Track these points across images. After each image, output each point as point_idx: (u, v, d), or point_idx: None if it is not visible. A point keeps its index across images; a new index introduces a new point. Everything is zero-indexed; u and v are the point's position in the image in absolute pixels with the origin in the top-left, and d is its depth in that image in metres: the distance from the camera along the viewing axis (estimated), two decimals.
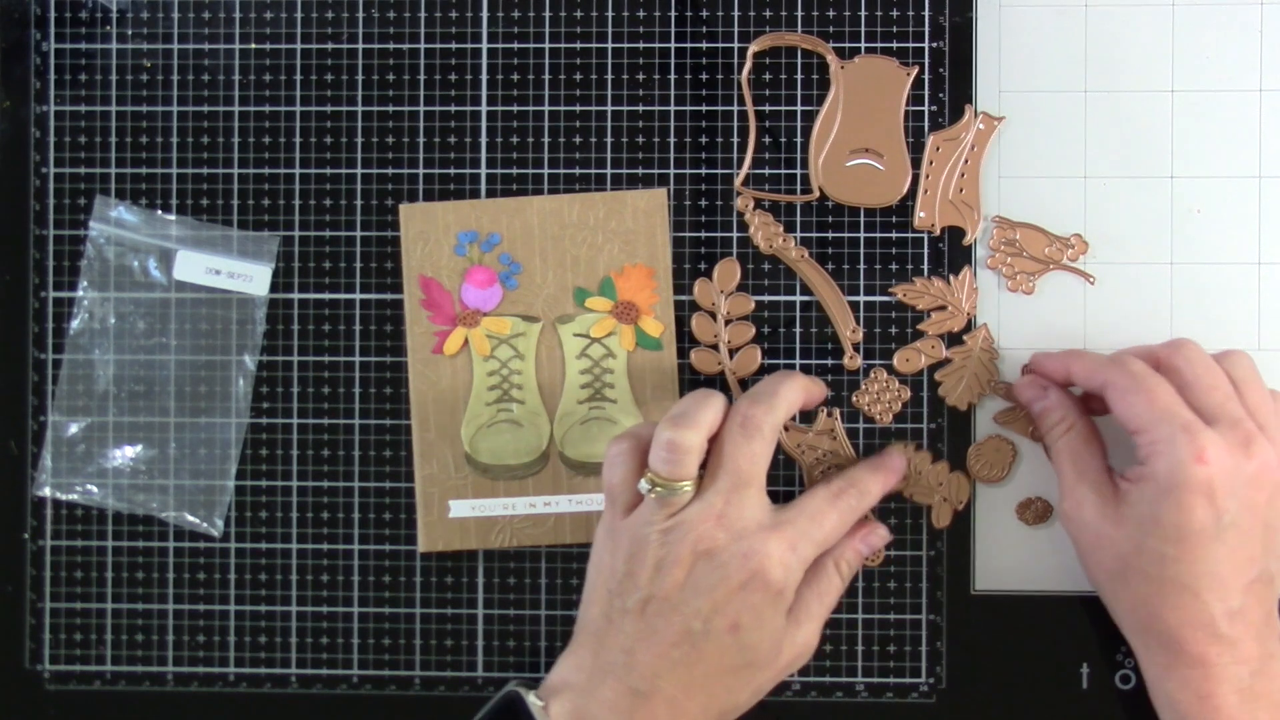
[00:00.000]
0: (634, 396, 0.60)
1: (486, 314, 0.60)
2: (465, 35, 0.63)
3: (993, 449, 0.62)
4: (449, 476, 0.60)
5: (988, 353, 0.63)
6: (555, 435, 0.60)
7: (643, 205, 0.60)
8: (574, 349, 0.60)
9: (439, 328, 0.60)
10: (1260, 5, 0.62)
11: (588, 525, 0.60)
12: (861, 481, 0.58)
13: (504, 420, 0.60)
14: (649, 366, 0.60)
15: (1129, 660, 0.62)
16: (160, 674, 0.64)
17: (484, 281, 0.60)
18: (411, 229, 0.61)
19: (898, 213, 0.63)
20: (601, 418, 0.60)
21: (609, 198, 0.60)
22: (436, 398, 0.60)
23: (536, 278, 0.60)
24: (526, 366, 0.60)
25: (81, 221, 0.64)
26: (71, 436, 0.63)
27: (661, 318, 0.60)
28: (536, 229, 0.60)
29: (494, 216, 0.60)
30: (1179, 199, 0.63)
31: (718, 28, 0.63)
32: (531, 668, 0.63)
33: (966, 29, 0.63)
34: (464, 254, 0.60)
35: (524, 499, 0.60)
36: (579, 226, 0.60)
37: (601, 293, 0.60)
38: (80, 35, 0.64)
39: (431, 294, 0.60)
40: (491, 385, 0.60)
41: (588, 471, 0.60)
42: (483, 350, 0.60)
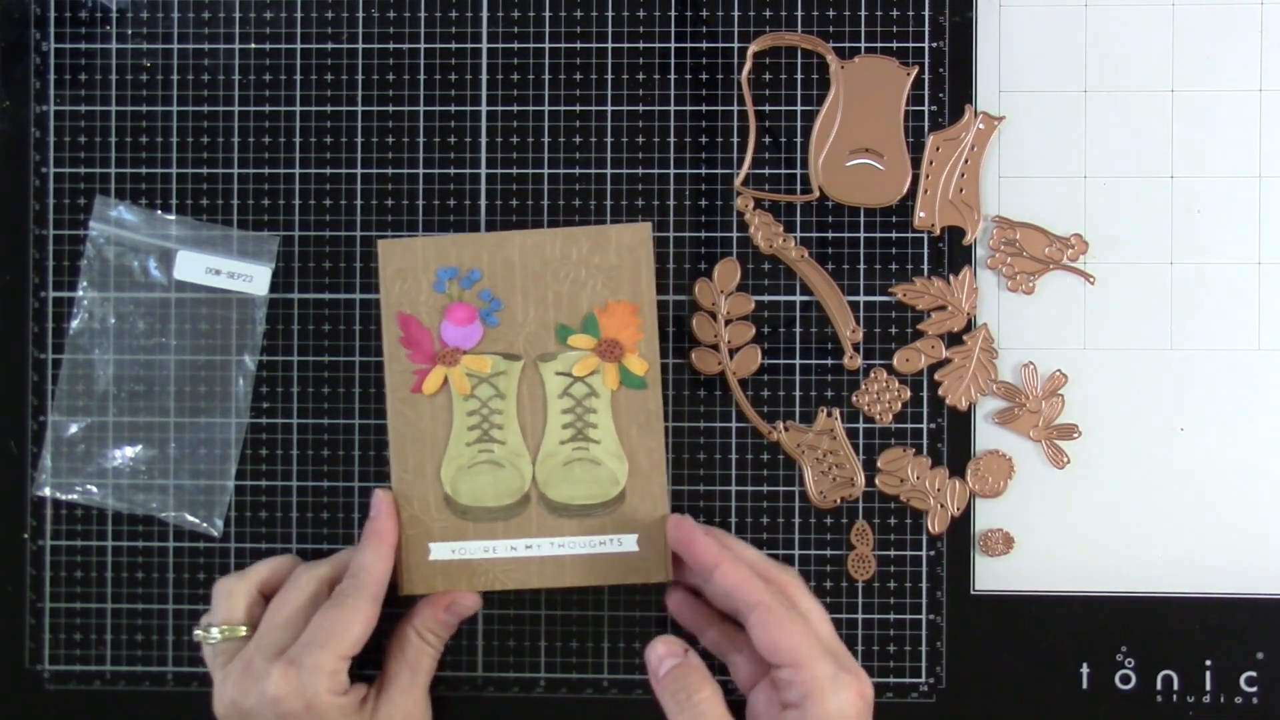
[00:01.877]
0: (618, 437, 0.59)
1: (466, 352, 0.59)
2: (465, 35, 0.63)
3: (991, 464, 0.62)
4: (430, 518, 0.59)
5: (988, 353, 0.63)
6: (537, 476, 0.59)
7: (627, 240, 0.58)
8: (556, 388, 0.59)
9: (418, 366, 0.59)
10: (1260, 5, 0.62)
11: (570, 569, 0.59)
12: (354, 564, 0.57)
13: (484, 461, 0.59)
14: (633, 406, 0.58)
15: (1129, 660, 0.62)
16: (160, 674, 0.64)
17: (464, 319, 0.59)
18: (390, 265, 0.59)
19: (898, 213, 0.63)
20: (585, 458, 0.59)
21: (593, 232, 0.59)
22: (415, 437, 0.59)
23: (518, 315, 0.59)
24: (508, 406, 0.59)
25: (81, 221, 0.64)
26: (71, 436, 0.63)
27: (646, 355, 0.59)
28: (518, 264, 0.58)
29: (474, 252, 0.59)
30: (1179, 199, 0.63)
31: (718, 28, 0.63)
32: (531, 667, 0.63)
33: (966, 29, 0.63)
34: (443, 290, 0.59)
35: (505, 541, 0.59)
36: (561, 262, 0.58)
37: (584, 330, 0.59)
38: (80, 35, 0.64)
39: (410, 331, 0.59)
40: (472, 425, 0.59)
41: (570, 514, 0.59)
42: (463, 389, 0.59)
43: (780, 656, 0.52)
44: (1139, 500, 0.63)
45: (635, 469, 0.59)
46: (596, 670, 0.63)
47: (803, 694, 0.51)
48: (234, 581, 0.58)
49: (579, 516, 0.59)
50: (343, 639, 0.54)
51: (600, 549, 0.59)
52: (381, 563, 0.56)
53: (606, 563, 0.59)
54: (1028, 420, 0.62)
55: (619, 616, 0.63)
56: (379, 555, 0.57)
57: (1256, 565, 0.62)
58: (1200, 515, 0.63)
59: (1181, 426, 0.63)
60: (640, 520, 0.59)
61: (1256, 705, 0.62)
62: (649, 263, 0.58)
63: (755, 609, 0.53)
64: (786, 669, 0.52)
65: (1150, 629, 0.62)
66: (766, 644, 0.52)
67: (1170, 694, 0.62)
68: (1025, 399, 0.62)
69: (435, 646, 0.59)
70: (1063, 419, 0.62)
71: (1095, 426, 0.63)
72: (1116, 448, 0.63)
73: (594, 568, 0.59)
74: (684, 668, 0.54)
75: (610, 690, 0.63)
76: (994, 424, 0.63)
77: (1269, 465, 0.62)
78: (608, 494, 0.59)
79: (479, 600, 0.59)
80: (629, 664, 0.63)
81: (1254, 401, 0.62)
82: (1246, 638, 0.62)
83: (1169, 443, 0.63)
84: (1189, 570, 0.63)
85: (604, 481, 0.59)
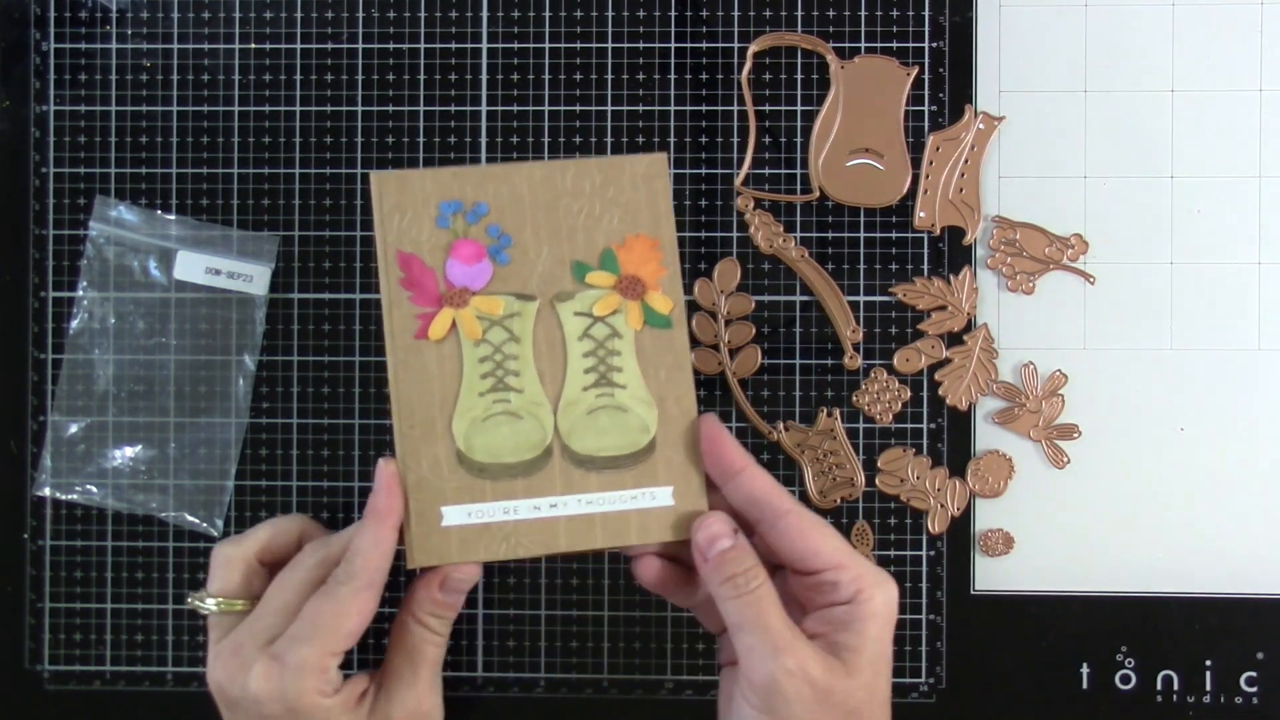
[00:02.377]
0: (645, 381, 0.53)
1: (476, 293, 0.53)
2: (465, 35, 0.63)
3: (991, 464, 0.62)
4: (441, 479, 0.53)
5: (988, 353, 0.62)
6: (559, 427, 0.53)
7: (642, 171, 0.53)
8: (575, 329, 0.53)
9: (422, 309, 0.53)
10: (1260, 5, 0.62)
11: (600, 529, 0.53)
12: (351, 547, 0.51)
13: (501, 412, 0.53)
14: (659, 346, 0.53)
15: (1129, 660, 0.62)
16: (160, 674, 0.64)
17: (471, 256, 0.53)
18: (386, 200, 0.53)
19: (898, 213, 0.63)
20: (610, 405, 0.53)
21: (605, 163, 0.54)
22: (422, 389, 0.53)
23: (530, 251, 0.53)
24: (523, 350, 0.53)
25: (81, 221, 0.64)
26: (71, 436, 0.63)
27: (669, 292, 0.53)
28: (527, 197, 0.53)
29: (479, 184, 0.53)
30: (1179, 199, 0.63)
31: (718, 28, 0.63)
32: (531, 667, 0.63)
33: (966, 29, 0.63)
34: (447, 226, 0.53)
35: (526, 501, 0.53)
36: (574, 194, 0.53)
37: (603, 266, 0.53)
38: (80, 35, 0.64)
39: (412, 272, 0.53)
40: (485, 373, 0.53)
41: (596, 466, 0.53)
42: (473, 334, 0.53)
43: (821, 560, 0.49)
44: (1139, 500, 0.63)
45: (665, 415, 0.53)
46: (596, 670, 0.63)
47: (854, 590, 0.49)
48: (230, 548, 0.53)
49: (607, 469, 0.53)
50: (331, 634, 0.49)
51: (632, 504, 0.53)
52: (380, 546, 0.50)
53: (639, 520, 0.53)
54: (1028, 420, 0.62)
55: (619, 616, 0.63)
56: (378, 538, 0.50)
57: (1256, 565, 0.62)
58: (1200, 515, 0.63)
59: (1181, 426, 0.63)
60: (673, 471, 0.53)
61: (1256, 705, 0.62)
62: (666, 194, 0.54)
63: (786, 515, 0.50)
64: (829, 571, 0.49)
65: (1150, 629, 0.62)
66: (804, 549, 0.50)
67: (1170, 694, 0.62)
68: (1025, 399, 0.62)
69: (438, 633, 0.53)
70: (1063, 419, 0.62)
71: (1095, 426, 0.63)
72: (1116, 448, 0.63)
73: (625, 526, 0.53)
74: (739, 550, 0.50)
75: (610, 690, 0.63)
76: (994, 424, 0.63)
77: (1269, 465, 0.62)
78: (637, 443, 0.53)
79: (477, 571, 0.52)
80: (629, 664, 0.63)
81: (1254, 401, 0.62)
82: (1246, 638, 0.62)
83: (1169, 443, 0.63)
84: (1189, 570, 0.63)
85: (633, 430, 0.53)
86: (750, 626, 0.48)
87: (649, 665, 0.63)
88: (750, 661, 0.48)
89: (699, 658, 0.63)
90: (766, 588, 0.49)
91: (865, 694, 0.49)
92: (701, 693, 0.63)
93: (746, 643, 0.48)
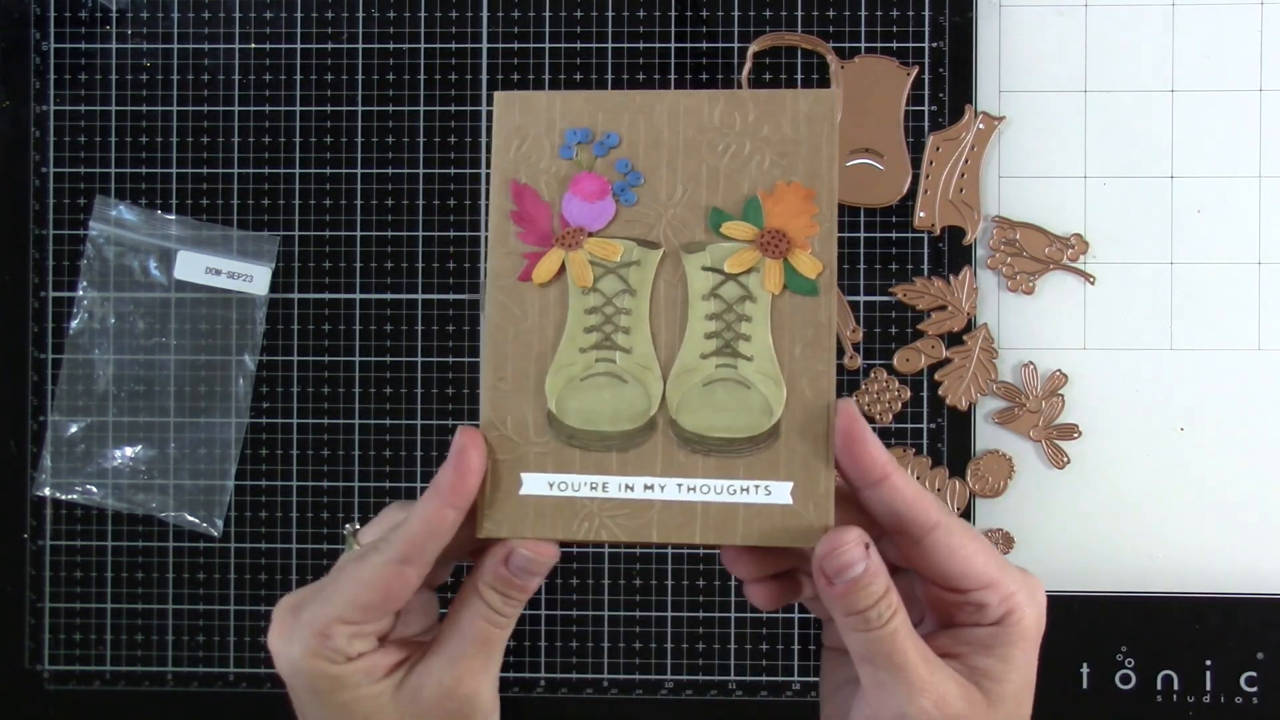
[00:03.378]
0: (776, 355, 0.46)
1: (593, 234, 0.47)
2: (465, 35, 0.63)
3: (991, 464, 0.62)
4: (526, 441, 0.46)
5: (988, 353, 0.62)
6: (668, 397, 0.46)
7: (806, 109, 0.46)
8: (701, 287, 0.46)
9: (530, 248, 0.46)
10: (1260, 5, 0.62)
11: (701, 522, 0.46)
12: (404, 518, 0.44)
13: (602, 373, 0.46)
14: (800, 316, 0.46)
15: (1129, 660, 0.62)
16: (160, 674, 0.64)
17: (594, 193, 0.47)
18: (506, 122, 0.47)
19: (898, 213, 0.63)
20: (731, 379, 0.46)
21: (765, 96, 0.47)
22: (519, 337, 0.46)
23: (662, 192, 0.47)
24: (638, 305, 0.47)
25: (81, 221, 0.64)
26: (71, 436, 0.63)
27: (821, 254, 0.46)
28: (666, 130, 0.47)
29: (613, 113, 0.47)
30: (1179, 199, 0.63)
31: (718, 28, 0.63)
32: (531, 667, 0.63)
33: (966, 29, 0.63)
34: (571, 156, 0.47)
35: (619, 479, 0.46)
36: (721, 131, 0.47)
37: (745, 217, 0.46)
38: (80, 35, 0.64)
39: (525, 205, 0.47)
40: (590, 326, 0.46)
41: (707, 448, 0.46)
42: (583, 280, 0.46)
43: (971, 580, 0.44)
44: (1139, 500, 0.63)
45: (795, 397, 0.46)
46: (597, 670, 0.63)
47: (1004, 611, 0.44)
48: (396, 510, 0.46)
49: (719, 453, 0.46)
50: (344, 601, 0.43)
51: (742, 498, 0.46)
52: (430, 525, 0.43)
53: (748, 517, 0.46)
54: (1028, 420, 0.62)
55: (619, 616, 0.63)
56: (429, 516, 0.43)
57: (1256, 565, 0.62)
58: (1200, 515, 0.63)
59: (1181, 426, 0.63)
60: (796, 464, 0.46)
61: (1256, 705, 0.62)
62: (832, 138, 0.46)
63: (934, 530, 0.43)
64: (979, 591, 0.44)
65: (1150, 629, 0.62)
66: (955, 571, 0.44)
67: (1170, 694, 0.62)
68: (1025, 399, 0.62)
69: (500, 612, 0.45)
70: (1063, 419, 0.62)
71: (1095, 426, 0.63)
72: (1116, 448, 0.63)
73: (731, 522, 0.46)
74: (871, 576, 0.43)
75: (610, 690, 0.63)
76: (994, 424, 0.63)
77: (1269, 465, 0.62)
78: (757, 426, 0.46)
79: (554, 552, 0.45)
80: (629, 664, 0.63)
81: (1254, 401, 0.62)
82: (1246, 638, 0.62)
83: (1169, 443, 0.63)
84: (1189, 570, 0.63)
85: (754, 410, 0.46)
86: (883, 663, 0.43)
87: (649, 665, 0.63)
88: (879, 697, 0.43)
89: (699, 658, 0.63)
90: (900, 618, 0.43)
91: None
92: (701, 693, 0.63)
93: (876, 678, 0.43)
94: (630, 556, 0.63)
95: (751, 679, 0.63)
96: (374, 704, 0.44)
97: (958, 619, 0.45)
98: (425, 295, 0.63)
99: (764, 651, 0.63)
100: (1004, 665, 0.44)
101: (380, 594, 0.43)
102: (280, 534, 0.63)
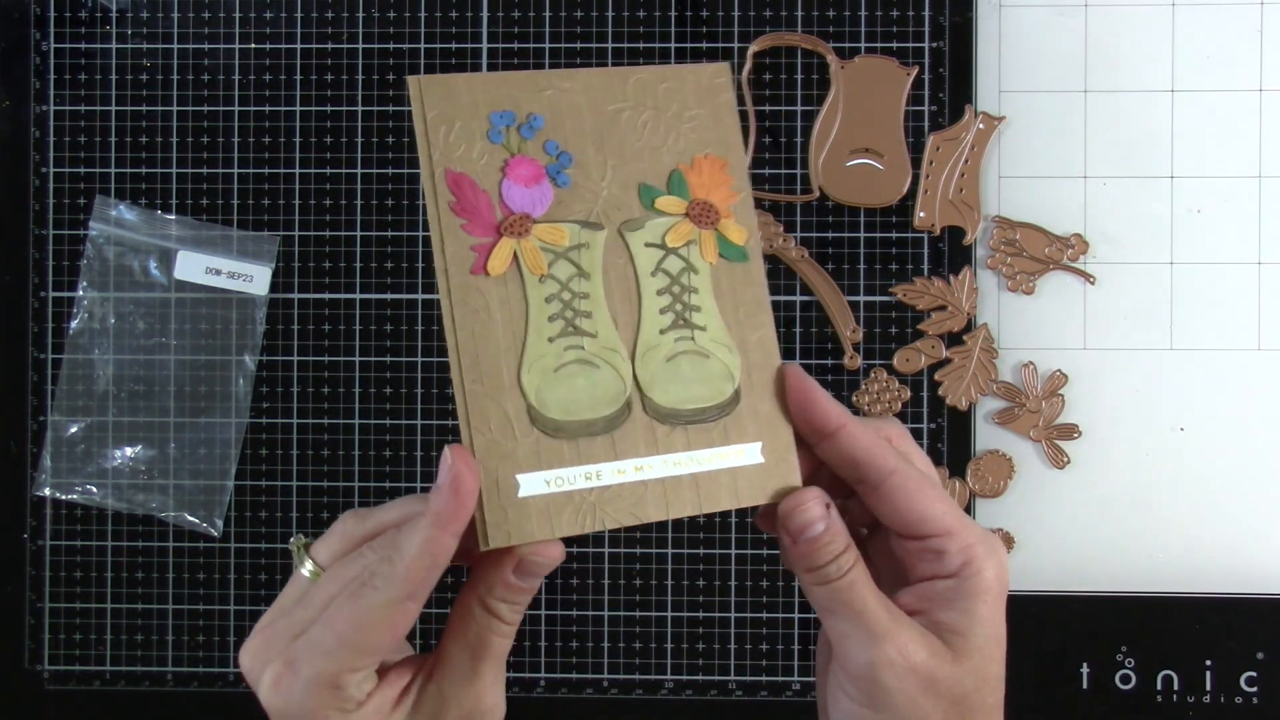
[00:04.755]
0: (724, 321, 0.47)
1: (537, 220, 0.46)
2: (465, 35, 0.63)
3: (991, 464, 0.62)
4: (513, 441, 0.45)
5: (988, 353, 0.62)
6: (638, 376, 0.46)
7: (705, 82, 0.47)
8: (647, 263, 0.46)
9: (478, 239, 0.45)
10: (1260, 5, 0.62)
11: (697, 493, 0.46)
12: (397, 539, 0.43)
13: (574, 360, 0.46)
14: (736, 282, 0.47)
15: (1129, 660, 0.62)
16: (160, 674, 0.64)
17: (530, 177, 0.46)
18: (429, 109, 0.45)
19: (898, 213, 0.63)
20: (691, 350, 0.46)
21: (668, 72, 0.47)
22: (485, 335, 0.45)
23: (593, 172, 0.46)
24: (594, 288, 0.46)
25: (81, 221, 0.64)
26: (71, 436, 0.63)
27: (743, 221, 0.47)
28: (586, 108, 0.46)
29: (533, 92, 0.46)
30: (1179, 199, 0.63)
31: (718, 28, 0.63)
32: (531, 667, 0.63)
33: (966, 29, 0.63)
34: (500, 141, 0.46)
35: (610, 465, 0.45)
36: (635, 108, 0.47)
37: (672, 191, 0.47)
38: (80, 35, 0.64)
39: (464, 195, 0.45)
40: (552, 314, 0.46)
41: (682, 420, 0.46)
42: (538, 267, 0.45)
43: (928, 526, 0.44)
44: (1139, 500, 0.63)
45: (747, 360, 0.47)
46: (597, 670, 0.63)
47: (961, 561, 0.44)
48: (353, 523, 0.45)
49: (693, 423, 0.46)
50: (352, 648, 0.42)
51: (723, 463, 0.46)
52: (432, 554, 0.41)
53: (731, 481, 0.46)
54: (1028, 420, 0.62)
55: (619, 616, 0.63)
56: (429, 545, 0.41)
57: (1256, 565, 0.62)
58: (1200, 515, 0.63)
59: (1181, 426, 0.63)
60: (761, 424, 0.46)
61: (1256, 705, 0.62)
62: (732, 109, 0.47)
63: (891, 475, 0.44)
64: (936, 539, 0.44)
65: (1150, 629, 0.62)
66: (909, 515, 0.44)
67: (1170, 694, 0.62)
68: (1025, 399, 0.62)
69: (507, 621, 0.45)
70: (1063, 419, 0.62)
71: (1095, 426, 0.63)
72: (1116, 448, 0.63)
73: (718, 489, 0.46)
74: (830, 533, 0.44)
75: (610, 690, 0.63)
76: (994, 424, 0.63)
77: (1269, 465, 0.62)
78: (722, 392, 0.46)
79: (561, 551, 0.44)
80: (628, 664, 0.63)
81: (1254, 401, 0.62)
82: (1246, 638, 0.62)
83: (1169, 443, 0.63)
84: (1189, 570, 0.63)
85: (716, 378, 0.46)
86: (843, 612, 0.43)
87: (649, 665, 0.63)
88: (845, 649, 0.43)
89: (699, 658, 0.63)
90: (859, 570, 0.44)
91: (974, 680, 0.44)
92: (701, 693, 0.63)
93: (839, 629, 0.44)
94: (630, 557, 0.63)
95: (751, 679, 0.63)
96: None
97: (919, 571, 0.45)
98: (425, 295, 0.63)
99: (764, 651, 0.63)
100: (967, 619, 0.44)
101: (388, 635, 0.42)
102: (280, 534, 0.64)
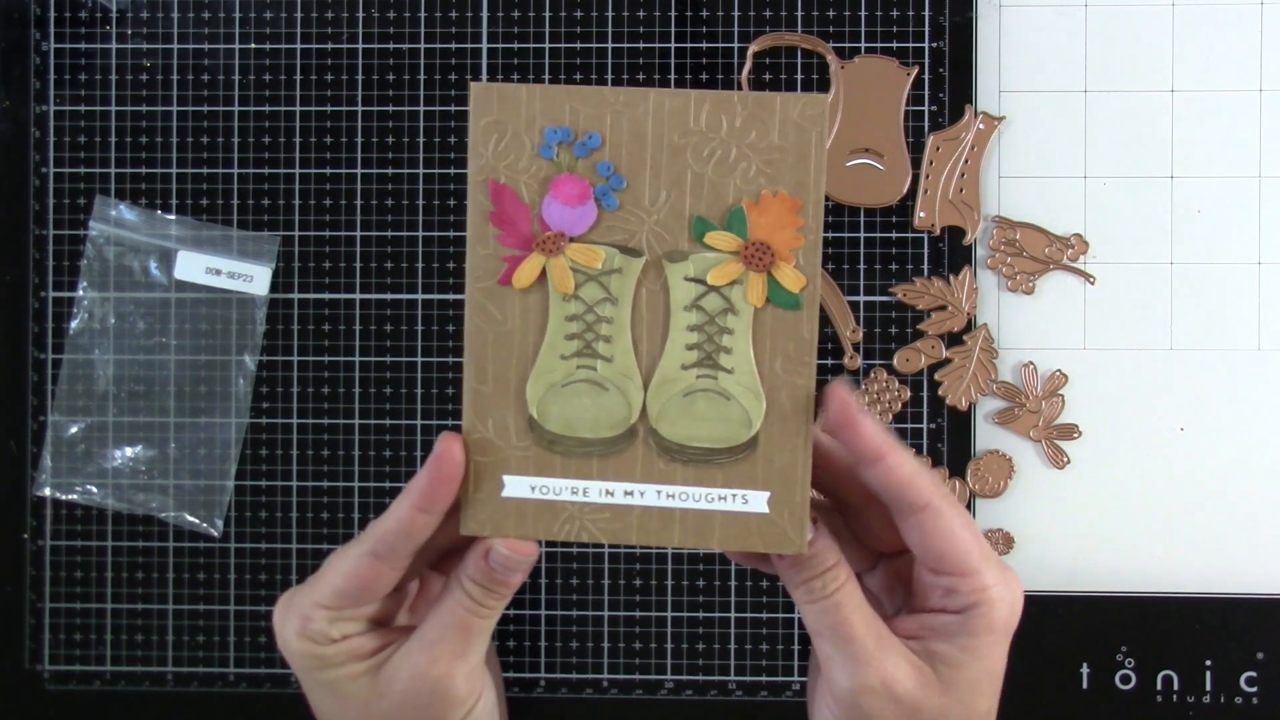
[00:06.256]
0: (756, 367, 0.46)
1: (574, 239, 0.46)
2: (465, 35, 0.63)
3: (991, 464, 0.62)
4: (507, 444, 0.46)
5: (988, 353, 0.62)
6: (648, 407, 0.47)
7: (795, 115, 0.45)
8: (684, 297, 0.46)
9: (509, 251, 0.46)
10: (1260, 5, 0.62)
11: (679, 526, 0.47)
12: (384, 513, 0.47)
13: (583, 380, 0.47)
14: (781, 330, 0.46)
15: (1129, 660, 0.62)
16: (160, 674, 0.64)
17: (575, 196, 0.46)
18: (483, 116, 0.45)
19: (898, 213, 0.63)
20: (711, 390, 0.46)
21: (753, 99, 0.45)
22: (499, 341, 0.46)
23: (645, 198, 0.46)
24: (619, 314, 0.46)
25: (81, 221, 0.64)
26: (71, 436, 0.63)
27: (805, 268, 0.46)
28: (650, 133, 0.45)
29: (595, 111, 0.45)
30: (1179, 199, 0.63)
31: (718, 28, 0.63)
32: (531, 668, 0.63)
33: (966, 29, 0.63)
34: (551, 156, 0.46)
35: (599, 484, 0.47)
36: (707, 135, 0.45)
37: (729, 227, 0.46)
38: (80, 35, 0.64)
39: (503, 206, 0.46)
40: (571, 334, 0.46)
41: (685, 458, 0.46)
42: (564, 287, 0.46)
43: (946, 565, 0.44)
44: (1139, 500, 0.63)
45: (774, 410, 0.46)
46: (597, 670, 0.63)
47: (970, 601, 0.44)
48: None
49: (697, 462, 0.47)
50: (322, 585, 0.46)
51: (719, 505, 0.47)
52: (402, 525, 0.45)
53: (725, 523, 0.47)
54: (1028, 420, 0.62)
55: (619, 616, 0.63)
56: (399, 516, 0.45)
57: (1256, 565, 0.62)
58: (1200, 515, 0.63)
59: (1181, 426, 0.63)
60: (774, 475, 0.46)
61: (1256, 705, 0.62)
62: (821, 148, 0.45)
63: (922, 511, 0.44)
64: (950, 578, 0.44)
65: (1150, 629, 0.62)
66: (932, 553, 0.44)
67: (1170, 694, 0.62)
68: (1025, 399, 0.62)
69: (480, 603, 0.47)
70: (1063, 419, 0.63)
71: (1095, 426, 0.63)
72: (1116, 448, 0.63)
73: (708, 528, 0.47)
74: (819, 548, 0.45)
75: (610, 690, 0.63)
76: (994, 424, 0.63)
77: (1269, 465, 0.62)
78: (736, 437, 0.46)
79: (533, 550, 0.46)
80: (629, 664, 0.63)
81: (1254, 401, 0.62)
82: (1246, 638, 0.62)
83: (1169, 443, 0.63)
84: (1189, 570, 0.63)
85: (733, 421, 0.46)
86: (829, 635, 0.44)
87: (649, 665, 0.63)
88: (830, 672, 0.44)
89: (699, 658, 0.63)
90: (847, 590, 0.44)
91: (960, 713, 0.44)
92: (701, 693, 0.63)
93: (825, 651, 0.44)
94: (630, 556, 0.63)
95: (751, 679, 0.63)
96: (355, 683, 0.47)
97: (930, 600, 0.45)
98: (425, 295, 0.63)
99: (764, 651, 0.63)
100: (963, 654, 0.44)
101: (354, 583, 0.46)
102: (280, 534, 0.64)
